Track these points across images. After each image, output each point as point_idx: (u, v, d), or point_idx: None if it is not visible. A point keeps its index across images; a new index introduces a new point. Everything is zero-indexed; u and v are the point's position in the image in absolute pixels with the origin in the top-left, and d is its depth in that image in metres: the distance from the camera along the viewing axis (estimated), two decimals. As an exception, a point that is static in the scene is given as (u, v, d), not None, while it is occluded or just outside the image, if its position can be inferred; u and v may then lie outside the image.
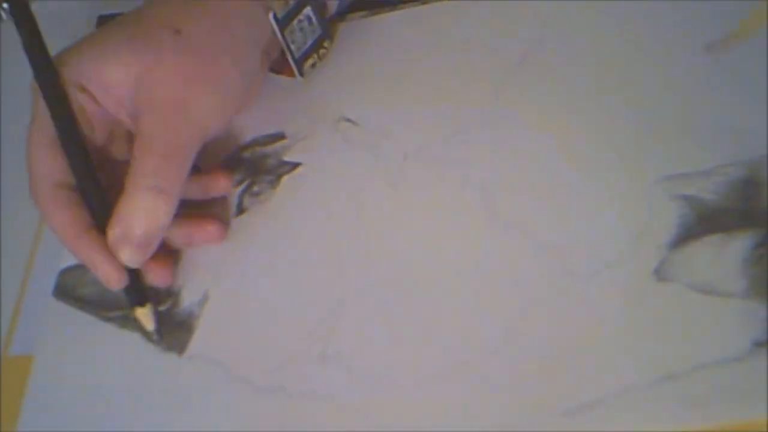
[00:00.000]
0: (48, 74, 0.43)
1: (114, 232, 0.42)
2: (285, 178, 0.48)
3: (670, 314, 0.38)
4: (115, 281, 0.43)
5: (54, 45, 0.44)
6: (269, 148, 0.50)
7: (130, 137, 0.45)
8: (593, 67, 0.46)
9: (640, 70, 0.45)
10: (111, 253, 0.42)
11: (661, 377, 0.37)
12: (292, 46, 0.48)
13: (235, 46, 0.45)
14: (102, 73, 0.43)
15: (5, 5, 0.41)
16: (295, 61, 0.49)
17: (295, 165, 0.49)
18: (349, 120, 0.49)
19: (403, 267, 0.43)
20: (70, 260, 0.48)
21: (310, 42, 0.49)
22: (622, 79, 0.45)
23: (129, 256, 0.42)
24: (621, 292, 0.39)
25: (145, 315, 0.44)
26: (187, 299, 0.46)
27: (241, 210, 0.48)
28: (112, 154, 0.46)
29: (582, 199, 0.43)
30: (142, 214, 0.41)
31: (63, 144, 0.43)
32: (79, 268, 0.48)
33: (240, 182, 0.49)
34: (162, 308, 0.45)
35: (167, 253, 0.46)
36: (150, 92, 0.43)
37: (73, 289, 0.48)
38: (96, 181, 0.43)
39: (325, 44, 0.50)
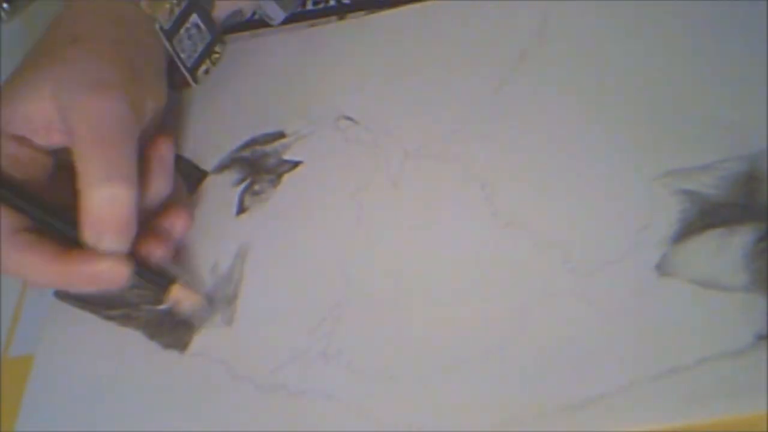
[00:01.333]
0: None
1: (87, 234, 0.41)
2: (286, 177, 0.48)
3: (673, 309, 0.38)
4: (122, 274, 0.42)
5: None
6: (269, 147, 0.50)
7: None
8: (593, 63, 0.47)
9: (639, 65, 0.46)
10: (102, 256, 0.42)
11: (664, 372, 0.37)
12: (182, 55, 0.48)
13: (138, 43, 0.46)
14: (19, 109, 0.43)
15: (5, 5, 0.41)
16: (187, 69, 0.49)
17: (296, 163, 0.49)
18: (349, 118, 0.49)
19: (404, 264, 0.43)
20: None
21: (200, 49, 0.49)
22: (622, 74, 0.46)
23: (110, 244, 0.41)
24: (623, 287, 0.39)
25: (182, 291, 0.44)
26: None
27: (242, 209, 0.48)
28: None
29: (583, 195, 0.43)
30: (104, 206, 0.41)
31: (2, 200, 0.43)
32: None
33: (240, 181, 0.49)
34: (163, 307, 0.45)
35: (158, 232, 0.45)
36: (67, 97, 0.42)
37: (74, 289, 0.48)
38: (49, 209, 0.43)
39: (217, 49, 0.51)
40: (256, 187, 0.48)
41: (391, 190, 0.46)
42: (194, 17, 0.48)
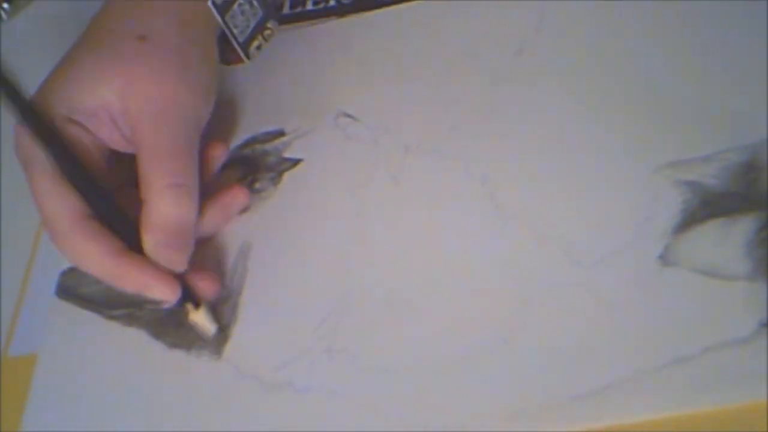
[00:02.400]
0: (34, 117, 0.42)
1: (148, 239, 0.42)
2: (287, 175, 0.48)
3: (677, 298, 0.38)
4: (171, 293, 0.43)
5: (54, 45, 0.44)
6: (269, 146, 0.50)
7: (127, 160, 0.45)
8: (591, 56, 0.47)
9: (638, 57, 0.46)
10: (158, 268, 0.42)
11: (669, 361, 0.37)
12: (235, 31, 0.48)
13: (198, 39, 0.46)
14: (83, 102, 0.43)
15: (5, 5, 0.41)
16: (240, 45, 0.49)
17: (296, 161, 0.49)
18: (348, 115, 0.50)
19: (407, 260, 0.44)
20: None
21: (253, 24, 0.49)
22: (620, 67, 0.46)
23: (169, 258, 0.42)
24: (627, 278, 0.39)
25: (201, 317, 0.43)
26: (193, 297, 0.45)
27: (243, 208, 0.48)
28: (115, 179, 0.46)
29: (584, 188, 0.43)
30: (168, 212, 0.42)
31: (69, 178, 0.42)
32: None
33: (241, 179, 0.49)
34: (166, 307, 0.45)
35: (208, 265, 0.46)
36: (137, 103, 0.43)
37: (75, 288, 0.48)
38: (113, 203, 0.43)
39: (269, 25, 0.50)
40: (257, 186, 0.48)
41: (391, 186, 0.46)
42: None
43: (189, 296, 0.43)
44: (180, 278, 0.43)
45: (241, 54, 0.49)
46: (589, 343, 0.39)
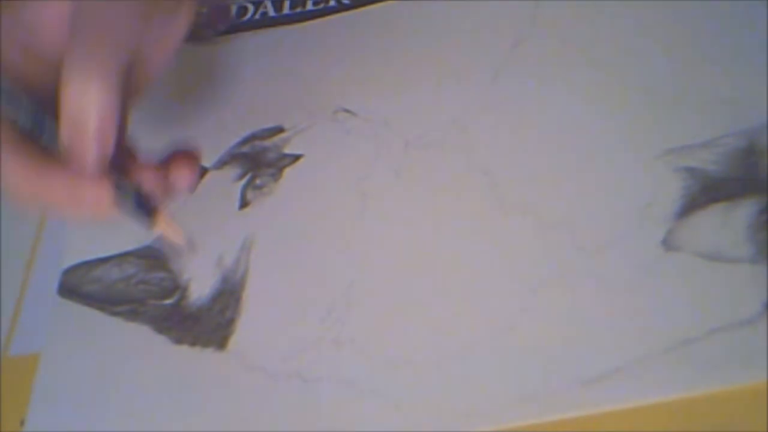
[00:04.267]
0: None
1: (63, 133, 0.37)
2: (287, 171, 0.48)
3: (681, 282, 0.39)
4: (104, 197, 0.38)
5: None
6: (269, 142, 0.50)
7: None
8: (588, 45, 0.47)
9: (636, 44, 0.46)
10: (83, 172, 0.38)
11: (675, 344, 0.37)
12: None
13: None
14: (26, 17, 0.39)
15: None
16: None
17: (297, 157, 0.49)
18: (347, 110, 0.50)
19: (410, 252, 0.44)
20: (69, 261, 0.48)
21: None
22: (618, 55, 0.46)
23: (84, 152, 0.37)
24: (631, 263, 0.40)
25: (166, 225, 0.40)
26: (197, 292, 0.45)
27: (244, 203, 0.48)
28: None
29: (586, 176, 0.43)
30: (79, 102, 0.37)
31: None
32: (82, 266, 0.47)
33: (241, 176, 0.49)
34: (170, 301, 0.45)
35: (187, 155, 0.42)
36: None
37: (77, 286, 0.47)
38: (45, 114, 0.38)
39: None
40: (258, 182, 0.49)
41: (393, 179, 0.46)
42: None
43: (143, 203, 0.39)
44: (126, 182, 0.39)
45: None
46: (595, 329, 0.39)
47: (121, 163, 0.39)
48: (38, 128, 0.38)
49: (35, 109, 0.38)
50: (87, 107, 0.37)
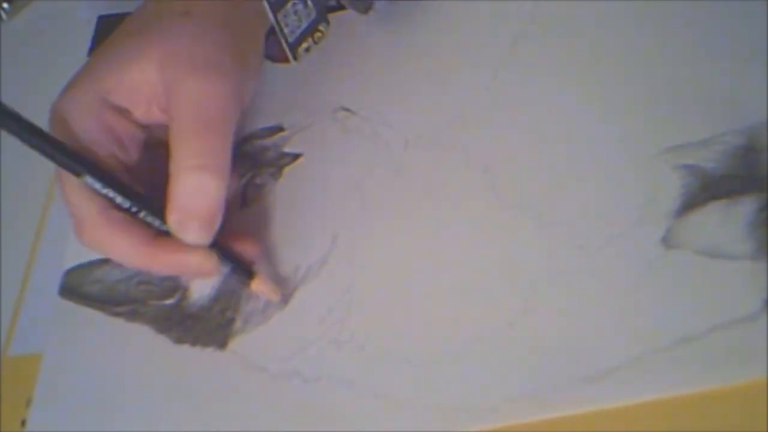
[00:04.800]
0: (44, 138, 0.41)
1: (172, 218, 0.41)
2: (287, 169, 0.49)
3: (681, 280, 0.39)
4: (211, 267, 0.42)
5: (54, 45, 0.44)
6: (268, 141, 0.50)
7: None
8: (587, 43, 0.47)
9: (634, 42, 0.46)
10: (188, 247, 0.41)
11: (676, 341, 0.37)
12: (285, 29, 0.47)
13: (244, 21, 0.45)
14: (124, 79, 0.42)
15: (5, 5, 0.41)
16: (288, 44, 0.48)
17: (296, 156, 0.49)
18: (346, 109, 0.50)
19: (410, 251, 0.44)
20: (70, 262, 0.48)
21: (304, 25, 0.48)
22: (616, 53, 0.46)
23: (194, 236, 0.41)
24: (631, 261, 0.40)
25: (263, 285, 0.43)
26: (198, 292, 0.45)
27: (245, 202, 0.48)
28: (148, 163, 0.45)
29: (585, 175, 0.43)
30: (192, 195, 0.40)
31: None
32: (84, 268, 0.47)
33: (242, 176, 0.49)
34: (171, 301, 0.45)
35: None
36: (174, 72, 0.41)
37: (79, 287, 0.47)
38: (141, 193, 0.42)
39: (321, 28, 0.50)
40: (258, 181, 0.49)
41: (393, 177, 0.46)
42: None
43: (240, 268, 0.43)
44: (226, 250, 0.43)
45: (289, 54, 0.48)
46: (596, 326, 0.39)
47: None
48: (135, 206, 0.42)
49: (130, 188, 0.42)
50: (201, 201, 0.41)
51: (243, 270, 0.43)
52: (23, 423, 0.44)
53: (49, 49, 0.43)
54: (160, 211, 0.42)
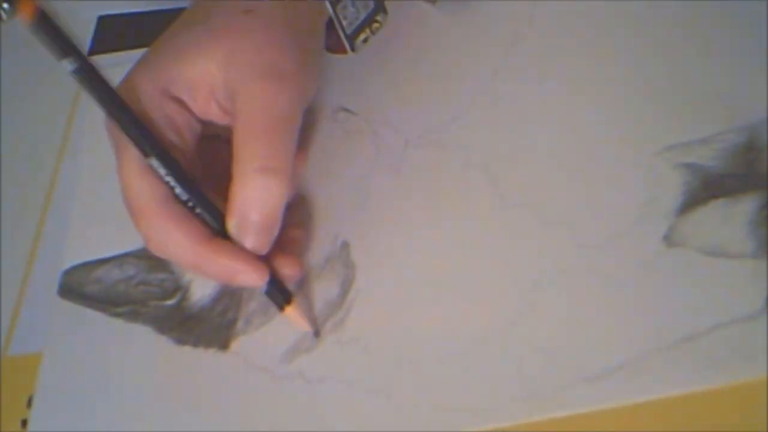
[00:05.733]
0: (118, 107, 0.40)
1: (233, 222, 0.40)
2: (287, 170, 0.48)
3: (683, 278, 0.39)
4: (258, 277, 0.41)
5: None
6: (268, 141, 0.50)
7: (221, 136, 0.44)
8: (586, 43, 0.47)
9: (634, 41, 0.46)
10: (245, 252, 0.41)
11: (679, 340, 0.37)
12: (344, 21, 0.47)
13: (305, 17, 0.44)
14: (186, 71, 0.42)
15: (5, 5, 0.41)
16: (347, 37, 0.47)
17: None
18: (346, 110, 0.50)
19: (412, 250, 0.44)
20: (70, 262, 0.48)
21: (363, 16, 0.48)
22: (616, 52, 0.46)
23: (253, 243, 0.41)
24: (633, 259, 0.40)
25: (294, 314, 0.42)
26: (199, 292, 0.45)
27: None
28: (205, 160, 0.44)
29: (586, 174, 0.43)
30: (256, 197, 0.40)
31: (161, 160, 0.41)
32: (83, 267, 0.47)
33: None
34: (171, 302, 0.45)
35: (290, 243, 0.44)
36: (239, 72, 0.41)
37: (78, 287, 0.47)
38: (198, 187, 0.41)
39: (378, 18, 0.49)
40: (258, 181, 0.48)
41: (394, 177, 0.46)
42: None
43: (280, 290, 0.42)
44: (268, 267, 0.42)
45: (347, 46, 0.47)
46: (598, 325, 0.39)
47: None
48: (192, 200, 0.41)
49: (191, 181, 0.41)
50: (265, 205, 0.40)
51: (280, 291, 0.42)
52: (23, 423, 0.44)
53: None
54: (215, 211, 0.41)
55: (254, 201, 0.40)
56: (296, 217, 0.45)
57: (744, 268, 0.38)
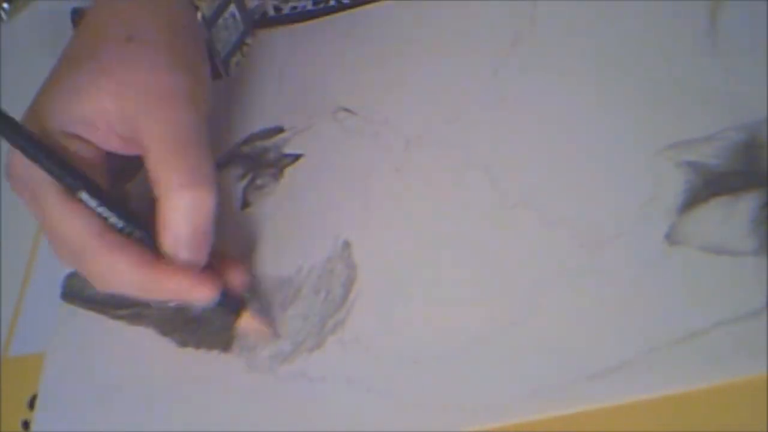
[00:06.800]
0: (30, 140, 0.41)
1: (167, 240, 0.41)
2: (288, 170, 0.48)
3: (686, 276, 0.39)
4: (210, 291, 0.41)
5: (54, 45, 0.43)
6: (269, 142, 0.50)
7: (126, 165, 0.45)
8: (587, 41, 0.47)
9: (635, 39, 0.46)
10: (191, 269, 0.41)
11: (681, 337, 0.37)
12: (218, 46, 0.47)
13: (187, 36, 0.45)
14: (76, 112, 0.42)
15: (5, 5, 0.41)
16: (221, 60, 0.48)
17: (297, 156, 0.49)
18: (346, 110, 0.50)
19: (413, 250, 0.44)
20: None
21: (234, 39, 0.48)
22: (617, 50, 0.46)
23: (188, 256, 0.41)
24: (635, 258, 0.40)
25: (250, 323, 0.43)
26: (200, 293, 0.45)
27: (245, 204, 0.48)
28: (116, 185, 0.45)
29: (587, 172, 0.43)
30: (184, 213, 0.40)
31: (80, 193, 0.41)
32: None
33: (242, 176, 0.49)
34: (174, 304, 0.45)
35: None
36: (133, 101, 0.41)
37: (80, 291, 0.47)
38: (128, 210, 0.42)
39: (248, 40, 0.49)
40: (259, 182, 0.49)
41: (395, 176, 0.46)
42: (232, 7, 0.46)
43: (229, 299, 0.43)
44: (217, 279, 0.42)
45: (222, 70, 0.48)
46: (600, 323, 0.39)
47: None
48: (128, 226, 0.41)
49: (122, 209, 0.41)
50: (195, 217, 0.41)
51: (232, 301, 0.43)
52: (24, 423, 0.44)
53: (49, 49, 0.42)
54: (151, 231, 0.41)
55: (182, 216, 0.40)
56: None
57: (746, 266, 0.38)
